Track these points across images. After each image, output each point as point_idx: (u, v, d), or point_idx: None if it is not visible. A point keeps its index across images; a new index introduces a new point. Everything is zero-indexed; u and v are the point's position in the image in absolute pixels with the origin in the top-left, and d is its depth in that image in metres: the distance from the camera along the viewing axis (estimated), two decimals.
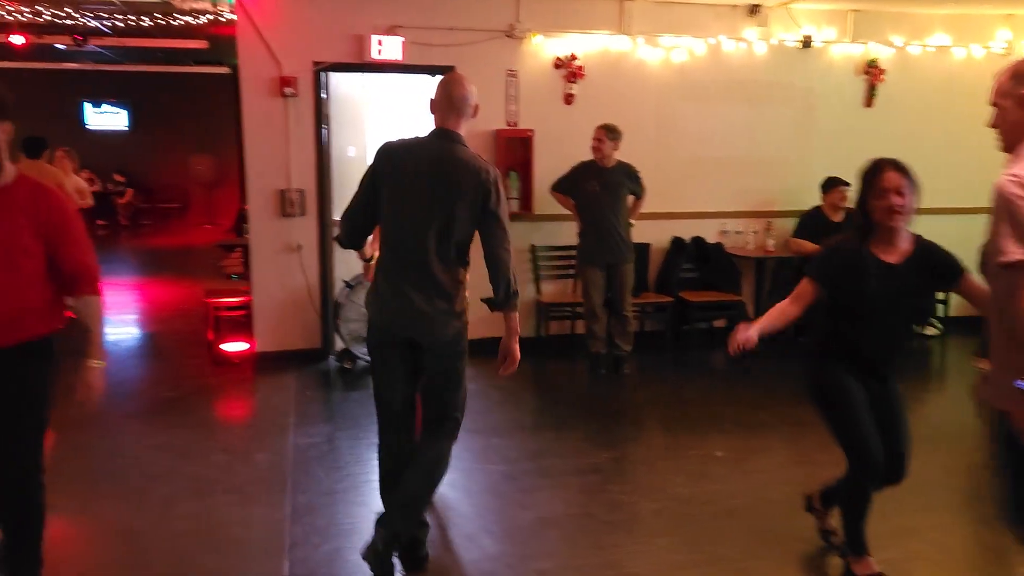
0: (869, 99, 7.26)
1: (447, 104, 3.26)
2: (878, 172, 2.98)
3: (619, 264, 6.10)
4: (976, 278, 2.92)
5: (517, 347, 3.20)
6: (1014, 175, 2.29)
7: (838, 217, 6.89)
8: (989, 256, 2.30)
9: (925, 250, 3.04)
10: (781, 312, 3.21)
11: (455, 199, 3.08)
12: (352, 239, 3.32)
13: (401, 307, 3.12)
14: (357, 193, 3.25)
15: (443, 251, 3.11)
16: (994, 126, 2.44)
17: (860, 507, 3.13)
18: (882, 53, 7.21)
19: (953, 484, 4.29)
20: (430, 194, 3.09)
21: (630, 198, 6.21)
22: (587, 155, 6.05)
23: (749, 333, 3.07)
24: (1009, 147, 2.40)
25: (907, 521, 3.69)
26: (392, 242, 3.16)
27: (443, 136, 3.21)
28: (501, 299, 3.14)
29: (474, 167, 3.12)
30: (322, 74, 6.09)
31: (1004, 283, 2.24)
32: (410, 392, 3.31)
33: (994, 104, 2.43)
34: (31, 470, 2.78)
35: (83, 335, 2.87)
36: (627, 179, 6.12)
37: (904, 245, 3.03)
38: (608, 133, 5.99)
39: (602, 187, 5.99)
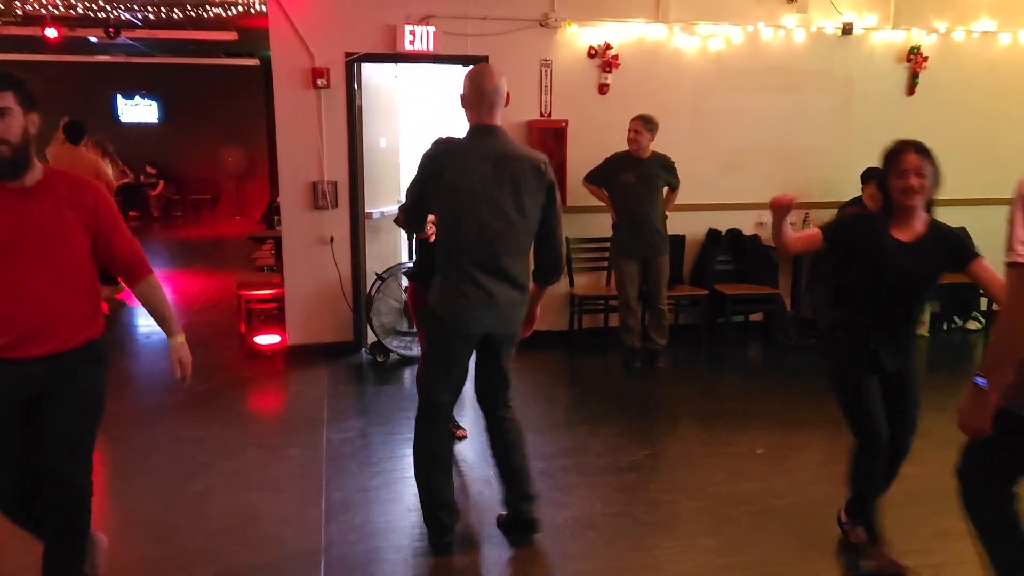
0: (911, 87, 7.07)
1: (479, 98, 3.26)
2: (899, 153, 3.05)
3: (654, 257, 6.00)
4: (988, 264, 3.02)
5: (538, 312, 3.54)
6: None
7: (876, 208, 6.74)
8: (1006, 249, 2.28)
9: (938, 232, 3.11)
10: (797, 235, 3.35)
11: (524, 193, 3.21)
12: (413, 227, 3.79)
13: (481, 302, 3.23)
14: (413, 191, 3.35)
15: (518, 244, 3.26)
16: None
17: (868, 484, 3.26)
18: (924, 39, 7.02)
19: None
20: (500, 191, 3.18)
21: (665, 189, 6.11)
22: (622, 146, 5.95)
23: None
24: None
25: (950, 523, 3.56)
26: (465, 242, 3.21)
27: (490, 132, 3.25)
28: (556, 274, 3.41)
29: (532, 159, 3.26)
30: (354, 65, 6.04)
31: (1011, 279, 2.24)
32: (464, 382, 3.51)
33: None
34: (83, 474, 2.72)
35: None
36: (663, 170, 6.01)
37: (919, 226, 3.10)
38: (645, 124, 5.88)
39: (637, 179, 5.89)
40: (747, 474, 4.24)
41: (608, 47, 6.41)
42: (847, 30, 6.78)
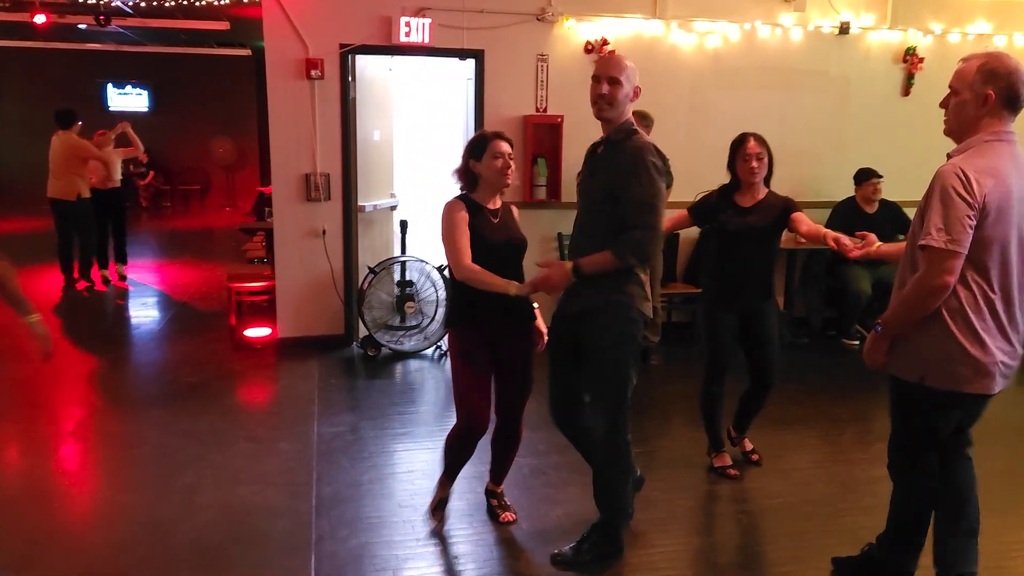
0: (906, 88, 7.07)
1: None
2: (743, 142, 4.04)
3: None
4: (804, 216, 4.08)
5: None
6: (961, 171, 2.54)
7: (871, 208, 6.74)
8: (914, 231, 2.70)
9: (773, 197, 4.10)
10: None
11: None
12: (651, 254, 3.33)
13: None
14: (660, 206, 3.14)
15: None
16: (943, 106, 2.80)
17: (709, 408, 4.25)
18: (921, 40, 7.01)
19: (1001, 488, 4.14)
20: None
21: None
22: None
23: None
24: (954, 135, 2.75)
25: None
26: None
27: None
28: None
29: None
30: (349, 56, 5.98)
31: (919, 259, 2.63)
32: None
33: (952, 88, 2.76)
34: None
35: None
36: None
37: (759, 195, 4.07)
38: (641, 120, 5.85)
39: None
40: (742, 474, 4.22)
41: (605, 42, 6.37)
42: (844, 30, 6.76)
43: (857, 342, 6.76)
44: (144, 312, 7.76)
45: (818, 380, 5.95)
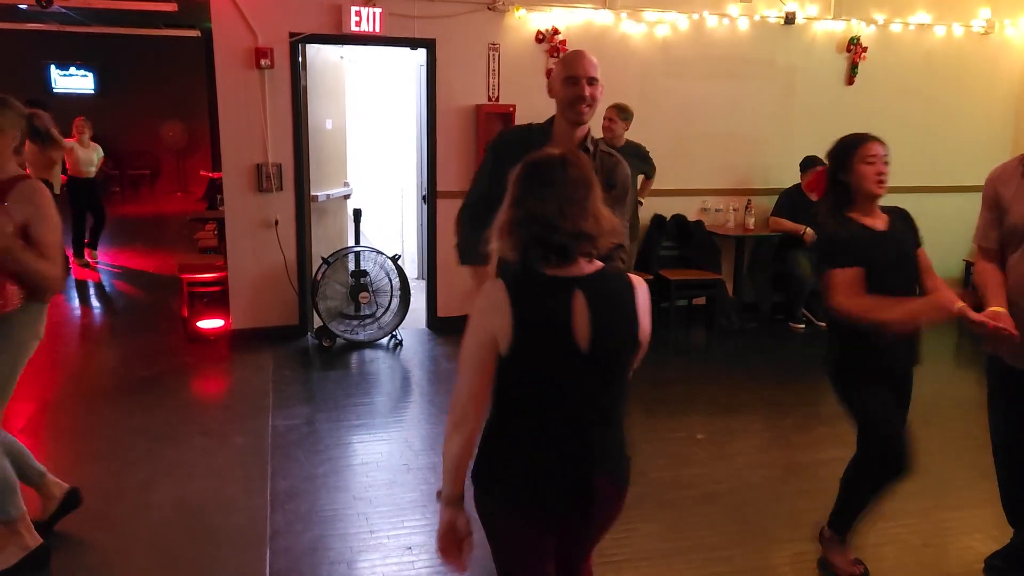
0: (851, 77, 7.24)
1: None
2: (862, 142, 2.96)
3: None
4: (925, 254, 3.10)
5: None
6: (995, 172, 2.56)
7: (816, 196, 6.91)
8: None
9: (897, 214, 3.09)
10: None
11: None
12: None
13: None
14: None
15: None
16: None
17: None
18: (864, 30, 7.18)
19: (936, 467, 4.32)
20: None
21: (640, 177, 6.24)
22: None
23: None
24: None
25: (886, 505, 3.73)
26: None
27: None
28: None
29: None
30: (299, 45, 5.94)
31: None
32: None
33: None
34: None
35: None
36: (637, 160, 6.11)
37: (879, 212, 3.03)
38: (619, 113, 6.00)
39: None
40: (688, 459, 4.36)
41: (556, 32, 6.42)
42: (790, 19, 6.89)
43: (803, 326, 6.96)
44: (95, 303, 7.67)
45: (764, 365, 6.13)
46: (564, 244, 1.84)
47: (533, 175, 1.90)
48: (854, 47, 7.16)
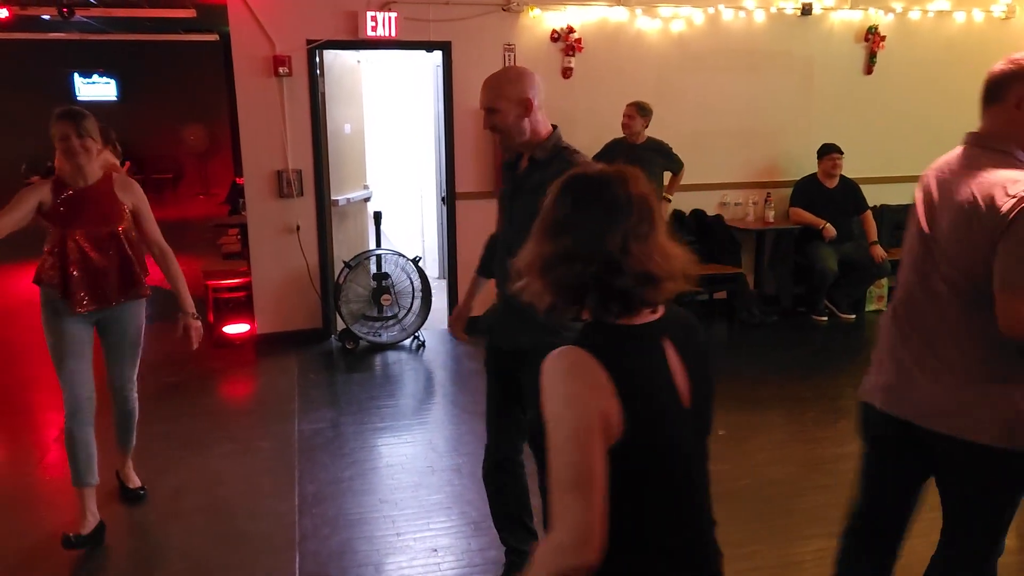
0: (869, 67, 7.18)
1: None
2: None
3: None
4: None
5: None
6: None
7: (832, 183, 6.88)
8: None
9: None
10: None
11: None
12: None
13: None
14: None
15: None
16: None
17: None
18: (882, 19, 7.11)
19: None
20: None
21: (666, 175, 6.31)
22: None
23: None
24: None
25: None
26: None
27: None
28: None
29: None
30: (316, 52, 6.00)
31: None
32: None
33: None
34: None
35: None
36: (659, 156, 6.15)
37: None
38: (639, 110, 6.05)
39: (630, 164, 5.94)
40: (709, 455, 4.36)
41: (571, 31, 6.43)
42: (806, 10, 6.85)
43: (825, 318, 6.94)
44: None
45: (785, 359, 6.12)
46: (628, 290, 1.43)
47: (587, 198, 1.47)
48: (872, 36, 7.10)
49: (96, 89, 15.78)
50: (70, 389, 3.49)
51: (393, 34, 5.99)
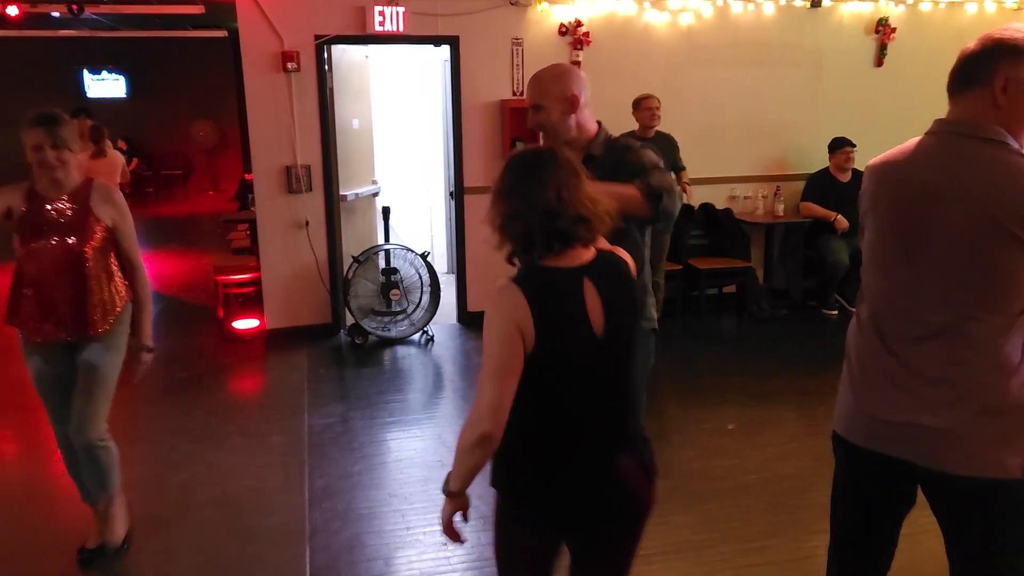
0: (879, 59, 7.14)
1: None
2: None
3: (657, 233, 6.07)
4: None
5: None
6: None
7: (845, 177, 6.85)
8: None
9: None
10: None
11: None
12: None
13: None
14: None
15: None
16: None
17: None
18: (893, 10, 7.07)
19: None
20: None
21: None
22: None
23: None
24: None
25: None
26: None
27: None
28: None
29: None
30: (324, 47, 6.00)
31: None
32: None
33: None
34: None
35: None
36: (669, 146, 6.07)
37: None
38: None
39: None
40: (719, 450, 4.37)
41: (579, 24, 6.41)
42: (816, 3, 6.81)
43: (836, 312, 6.91)
44: None
45: (795, 353, 6.10)
46: (565, 230, 1.84)
47: (524, 167, 1.91)
48: (883, 28, 7.05)
49: (105, 86, 15.85)
50: (55, 427, 3.35)
51: (401, 29, 5.99)
